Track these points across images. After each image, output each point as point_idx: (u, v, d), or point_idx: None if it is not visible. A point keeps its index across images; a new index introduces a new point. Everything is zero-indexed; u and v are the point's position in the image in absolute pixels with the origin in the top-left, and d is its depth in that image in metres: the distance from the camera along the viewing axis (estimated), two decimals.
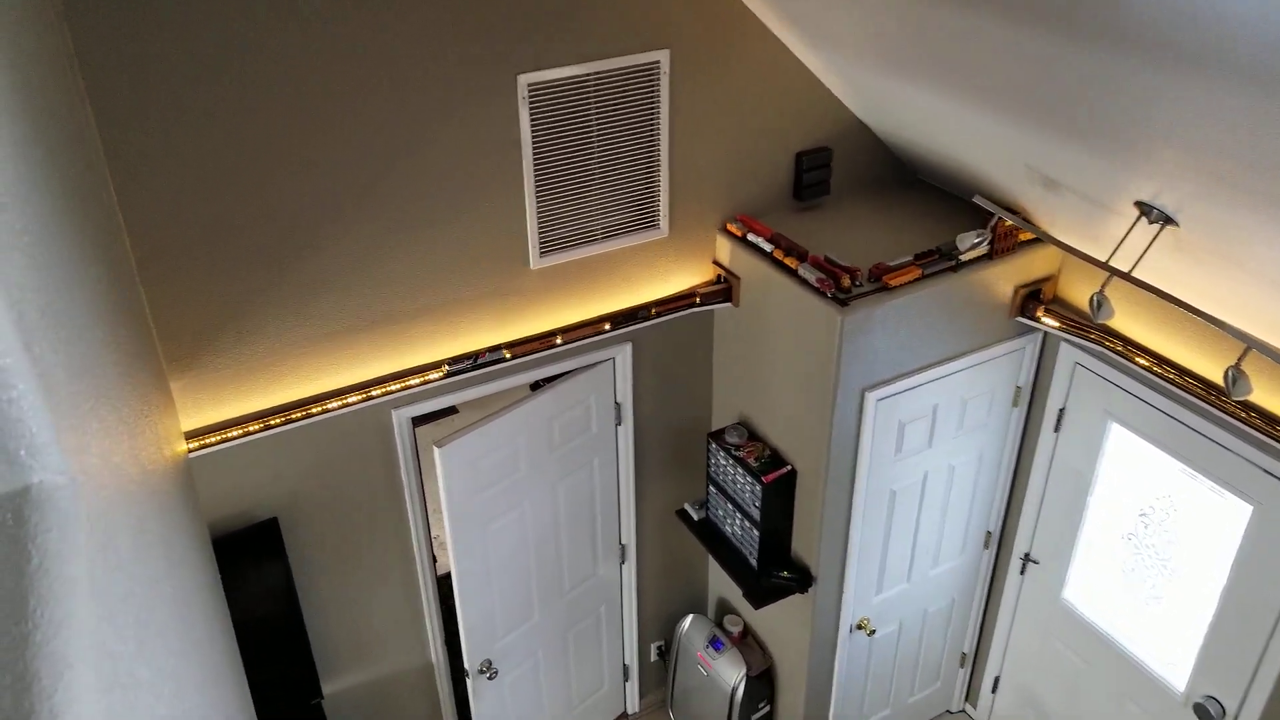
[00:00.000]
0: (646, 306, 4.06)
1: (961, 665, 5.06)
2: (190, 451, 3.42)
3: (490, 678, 4.36)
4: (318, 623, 4.02)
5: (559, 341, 3.88)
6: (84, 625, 0.51)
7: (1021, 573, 4.59)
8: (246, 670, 3.79)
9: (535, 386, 4.64)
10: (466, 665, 4.25)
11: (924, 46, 3.03)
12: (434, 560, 4.26)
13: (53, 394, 0.59)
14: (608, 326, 3.95)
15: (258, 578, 3.71)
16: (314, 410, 3.56)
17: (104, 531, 0.67)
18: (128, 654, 0.64)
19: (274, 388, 3.53)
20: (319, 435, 3.67)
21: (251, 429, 3.48)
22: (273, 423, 3.51)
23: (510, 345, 3.82)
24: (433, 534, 5.74)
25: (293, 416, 3.53)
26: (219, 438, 3.44)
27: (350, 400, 3.61)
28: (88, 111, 2.78)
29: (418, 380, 3.69)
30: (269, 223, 3.26)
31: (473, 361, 3.73)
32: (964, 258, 3.80)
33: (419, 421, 6.95)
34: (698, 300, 4.12)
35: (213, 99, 3.01)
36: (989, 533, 4.61)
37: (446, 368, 3.70)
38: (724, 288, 4.15)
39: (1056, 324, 3.92)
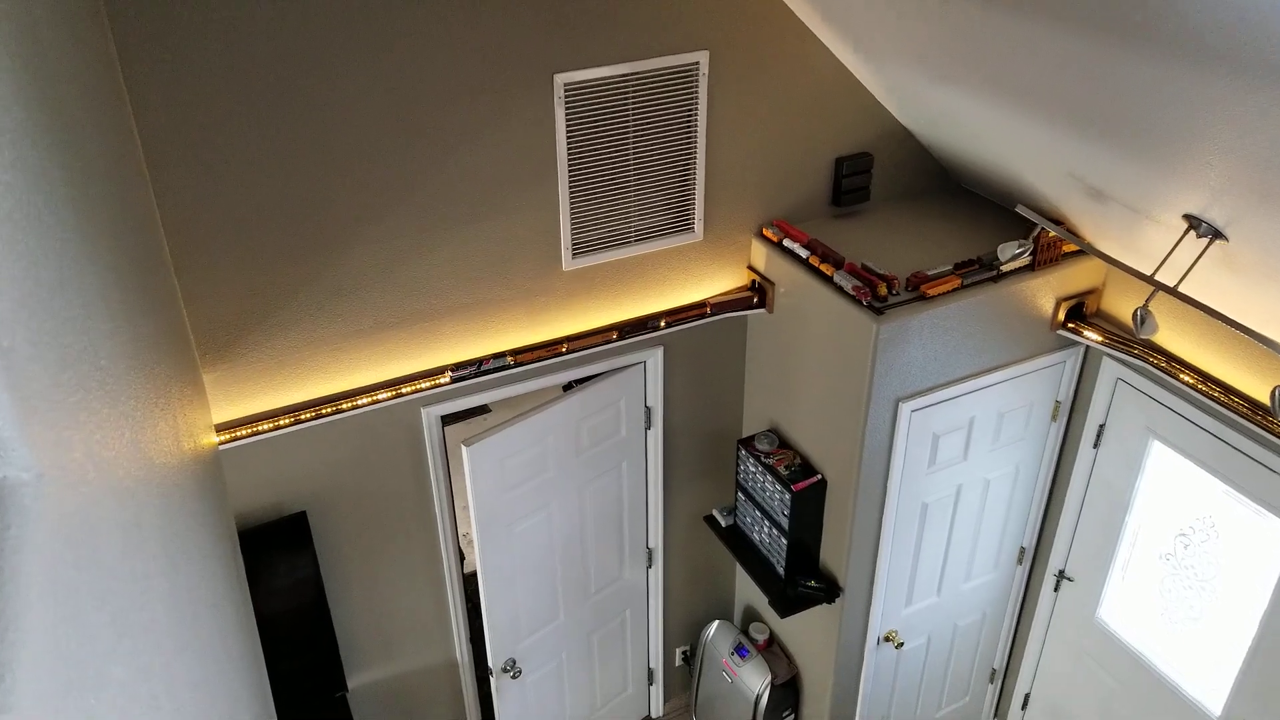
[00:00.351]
0: (676, 311, 4.02)
1: (991, 681, 4.98)
2: (221, 444, 3.43)
3: (514, 677, 4.35)
4: (344, 616, 4.03)
5: (563, 350, 3.82)
6: (37, 626, 0.49)
7: (1055, 590, 4.51)
8: (273, 662, 3.80)
9: (569, 387, 4.62)
10: (490, 664, 4.24)
11: (970, 53, 2.98)
12: (461, 558, 4.26)
13: (26, 387, 0.58)
14: (615, 335, 3.89)
15: (286, 570, 3.72)
16: (344, 406, 3.57)
17: (81, 528, 0.66)
18: (98, 654, 0.63)
19: (305, 382, 3.54)
20: (349, 431, 3.68)
21: (282, 423, 3.49)
22: (303, 417, 3.52)
23: (531, 349, 3.79)
24: (461, 532, 5.75)
25: (323, 411, 3.54)
26: (250, 430, 3.45)
27: (380, 397, 3.61)
28: (126, 105, 2.80)
29: (426, 384, 3.66)
30: (303, 219, 3.27)
31: (477, 368, 3.71)
32: (1005, 268, 3.73)
33: (451, 420, 6.97)
34: (708, 310, 4.08)
35: (250, 96, 3.02)
36: (1023, 548, 4.53)
37: (450, 374, 3.68)
38: (758, 293, 4.10)
39: (1099, 338, 3.83)
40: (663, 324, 3.99)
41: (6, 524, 0.51)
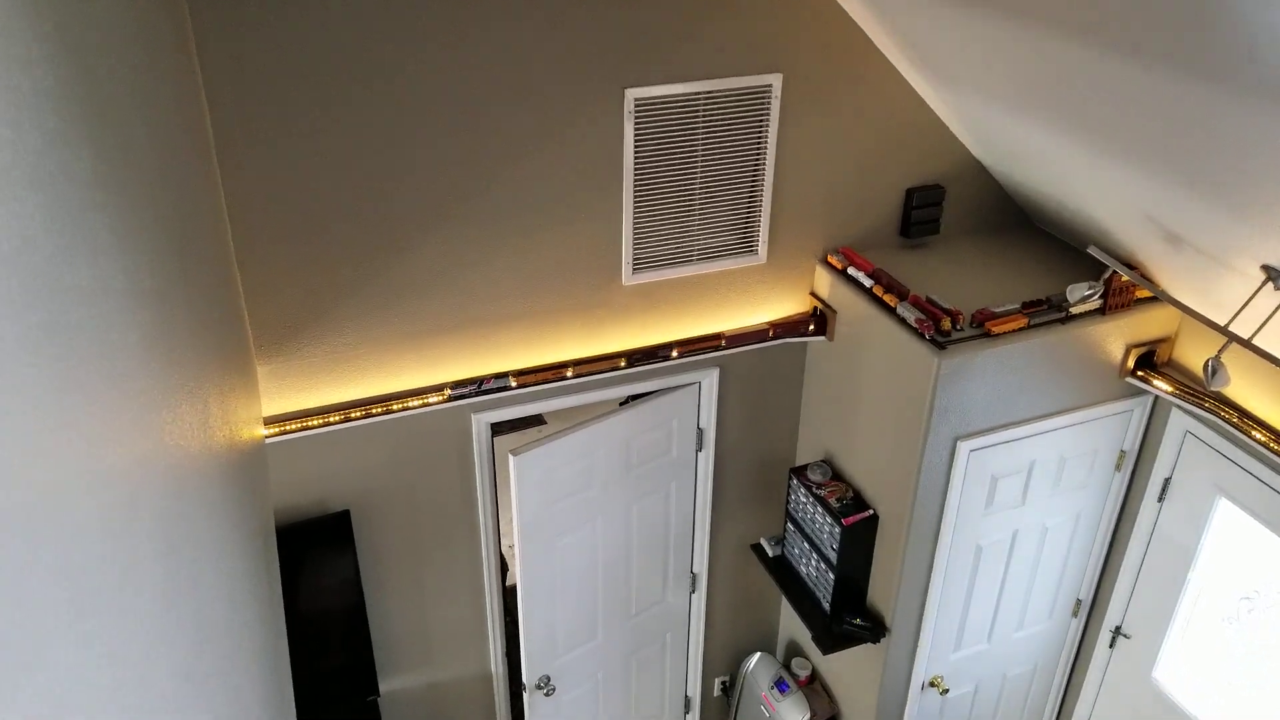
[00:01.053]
0: (734, 333, 3.97)
1: None
2: (268, 437, 3.46)
3: (548, 694, 4.31)
4: (381, 619, 4.03)
5: (568, 375, 3.75)
6: None
7: (1111, 645, 4.34)
8: (307, 661, 3.81)
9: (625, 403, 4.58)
10: (525, 679, 4.21)
11: (1053, 89, 2.90)
12: (504, 570, 4.24)
13: None
14: (621, 363, 3.82)
15: (326, 568, 3.73)
16: (394, 407, 3.58)
17: (40, 499, 0.64)
18: (43, 632, 0.61)
19: (358, 381, 3.56)
20: (397, 432, 3.69)
21: (332, 420, 3.51)
22: (353, 415, 3.53)
23: (536, 371, 3.75)
24: (506, 544, 5.74)
25: (373, 411, 3.55)
26: (299, 425, 3.48)
27: (430, 400, 3.61)
28: (200, 99, 2.84)
29: (415, 402, 3.62)
30: (366, 218, 3.29)
31: (476, 387, 3.67)
32: (1074, 310, 3.62)
33: (505, 429, 6.97)
34: (768, 334, 4.02)
35: (321, 95, 3.05)
36: (1079, 600, 4.38)
37: (449, 392, 3.64)
38: (819, 320, 4.04)
39: (1169, 388, 3.70)
40: (721, 343, 3.94)
41: None
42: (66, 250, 0.77)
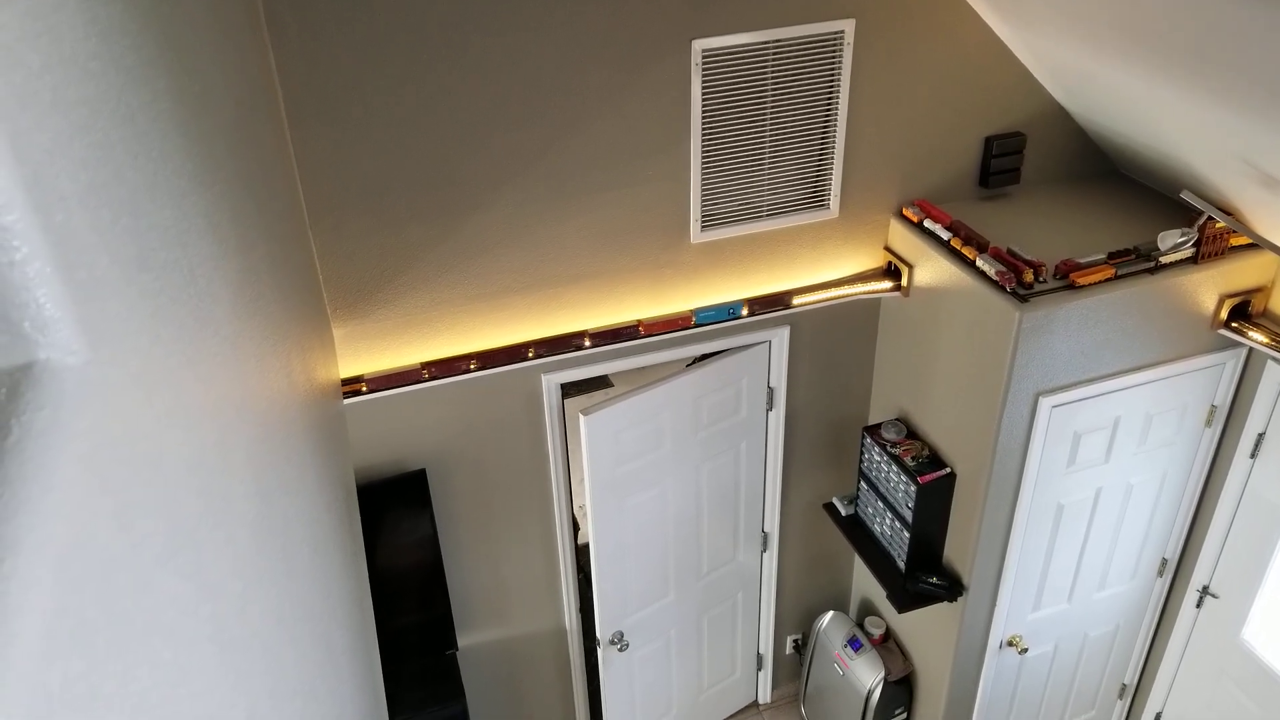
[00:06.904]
0: (806, 290, 3.90)
1: (1120, 697, 4.73)
2: (346, 397, 3.49)
3: (621, 650, 4.32)
4: (458, 576, 4.07)
5: (639, 334, 3.74)
6: (53, 511, 0.46)
7: (1197, 606, 4.23)
8: (388, 615, 3.87)
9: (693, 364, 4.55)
10: (599, 635, 4.23)
11: (1142, 24, 2.77)
12: (576, 528, 4.25)
13: (83, 272, 0.54)
14: (692, 321, 3.80)
15: (405, 526, 3.77)
16: (466, 367, 3.58)
17: (139, 430, 0.63)
18: (145, 560, 0.60)
19: (430, 343, 3.56)
20: (470, 393, 3.69)
21: (406, 381, 3.53)
22: (425, 377, 3.54)
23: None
24: (577, 504, 5.76)
25: (445, 372, 3.56)
26: (374, 386, 3.50)
27: (501, 361, 3.61)
28: (269, 61, 2.84)
29: (553, 352, 3.63)
30: (435, 180, 3.28)
31: (549, 349, 3.65)
32: (1164, 259, 3.49)
33: (572, 390, 6.99)
34: (840, 290, 3.94)
35: (388, 57, 3.04)
36: (1165, 560, 4.27)
37: (522, 352, 3.64)
38: (894, 275, 3.95)
39: (1265, 340, 3.55)
40: (791, 302, 3.88)
41: (40, 405, 0.47)
42: (149, 188, 0.75)
